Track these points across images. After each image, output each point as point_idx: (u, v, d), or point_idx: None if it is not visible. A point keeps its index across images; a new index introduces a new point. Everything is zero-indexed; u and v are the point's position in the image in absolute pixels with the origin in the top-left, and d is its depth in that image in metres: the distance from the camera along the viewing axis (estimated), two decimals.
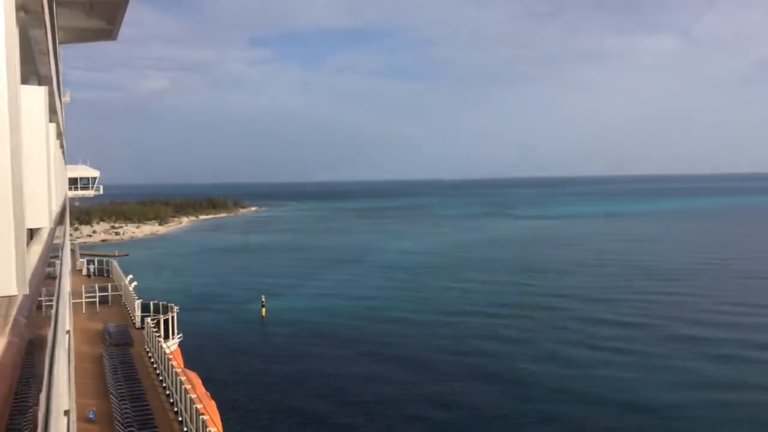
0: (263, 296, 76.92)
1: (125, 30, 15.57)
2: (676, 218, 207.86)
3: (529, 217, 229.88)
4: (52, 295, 6.86)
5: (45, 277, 5.53)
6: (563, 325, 65.95)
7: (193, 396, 24.95)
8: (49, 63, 6.82)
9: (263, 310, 74.32)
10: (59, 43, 12.47)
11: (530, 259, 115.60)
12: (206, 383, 37.03)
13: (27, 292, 2.22)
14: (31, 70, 6.67)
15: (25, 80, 6.34)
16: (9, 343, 1.85)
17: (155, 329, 37.43)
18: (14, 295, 2.20)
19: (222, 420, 29.07)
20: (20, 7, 4.15)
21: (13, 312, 2.24)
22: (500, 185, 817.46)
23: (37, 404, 3.28)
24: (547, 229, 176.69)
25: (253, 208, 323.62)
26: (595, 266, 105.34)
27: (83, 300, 45.86)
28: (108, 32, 14.91)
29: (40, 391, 3.55)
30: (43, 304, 5.30)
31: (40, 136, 5.21)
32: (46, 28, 4.94)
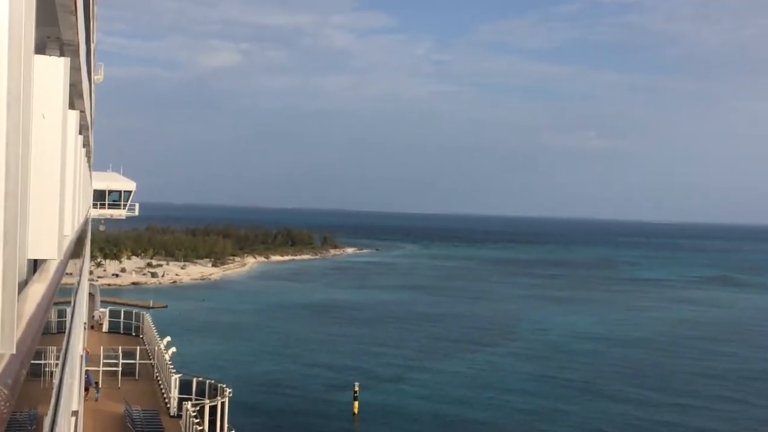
0: (356, 384, 77.30)
1: None
2: None
3: None
4: (56, 358, 6.81)
5: (47, 331, 5.41)
6: None
7: None
8: (76, 24, 7.01)
9: (355, 403, 74.71)
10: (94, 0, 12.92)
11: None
12: None
13: (13, 352, 2.10)
14: (51, 35, 6.91)
15: (41, 48, 6.39)
16: None
17: (197, 420, 38.28)
18: None
19: None
20: None
21: None
22: (732, 236, 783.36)
23: None
24: None
25: (350, 250, 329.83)
26: None
27: (100, 368, 47.95)
28: None
29: None
30: (42, 369, 5.16)
31: (55, 126, 5.15)
32: None
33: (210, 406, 43.76)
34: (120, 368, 49.55)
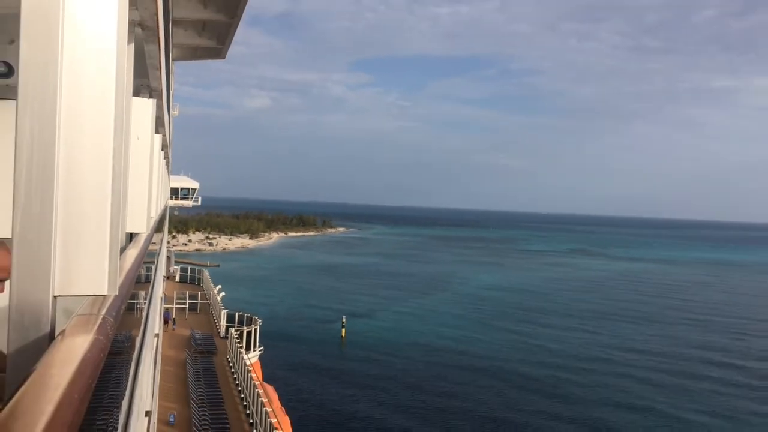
0: (344, 317, 77.75)
1: (234, 49, 16.39)
2: None
3: (622, 258, 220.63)
4: (145, 298, 7.17)
5: (139, 281, 5.76)
6: (627, 379, 62.43)
7: (269, 410, 25.40)
8: (161, 77, 7.15)
9: (343, 330, 75.09)
10: (172, 60, 13.30)
11: (615, 304, 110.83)
12: (282, 398, 37.71)
13: (116, 293, 2.28)
14: (144, 84, 6.97)
15: (137, 92, 6.72)
16: (94, 341, 1.91)
17: (238, 340, 38.55)
18: (106, 295, 2.26)
19: None
20: (137, 24, 4.42)
21: (103, 311, 2.30)
22: (595, 223, 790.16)
23: (120, 404, 3.40)
24: (638, 273, 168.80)
25: (341, 229, 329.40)
26: (690, 318, 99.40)
27: (174, 305, 47.98)
28: (218, 51, 15.73)
29: (125, 389, 3.69)
30: (136, 306, 5.52)
31: (146, 145, 5.49)
32: (159, 44, 5.23)
33: (246, 331, 44.02)
34: (187, 306, 49.64)
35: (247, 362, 32.90)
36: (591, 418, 49.39)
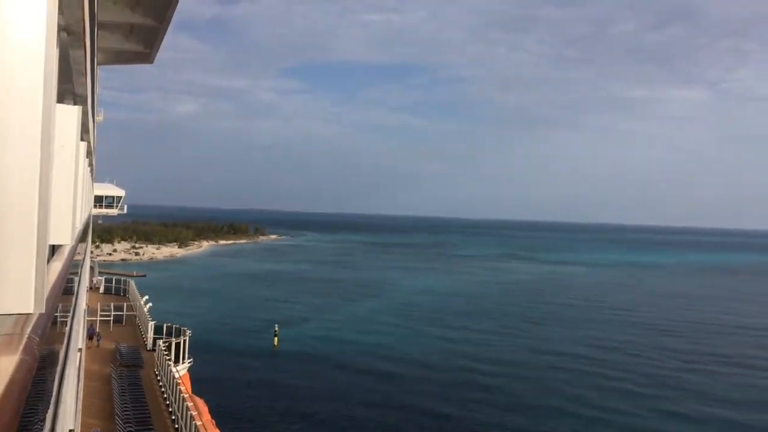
0: (276, 326, 76.79)
1: (162, 54, 15.97)
2: (689, 273, 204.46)
3: (549, 261, 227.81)
4: (68, 312, 6.87)
5: (62, 294, 5.52)
6: (551, 377, 64.60)
7: (199, 423, 24.76)
8: (86, 83, 6.93)
9: (275, 339, 74.11)
10: (97, 65, 12.82)
11: (543, 307, 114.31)
12: (213, 411, 36.80)
13: (43, 311, 2.18)
14: (68, 90, 6.78)
15: (61, 99, 6.45)
16: (21, 362, 1.83)
17: (166, 352, 37.42)
18: (31, 313, 2.17)
19: None
20: (62, 28, 4.25)
21: (28, 330, 2.22)
22: (523, 227, 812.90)
23: (44, 422, 3.23)
24: (563, 276, 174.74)
25: (273, 236, 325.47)
26: (610, 319, 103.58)
27: (98, 318, 46.11)
28: (145, 56, 15.28)
29: (47, 409, 3.51)
30: (58, 320, 5.29)
31: (70, 153, 5.28)
32: (85, 49, 5.04)
33: (175, 343, 42.79)
34: (111, 317, 47.83)
35: (176, 375, 31.97)
36: (519, 420, 50.59)
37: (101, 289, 61.33)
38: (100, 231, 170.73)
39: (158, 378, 34.48)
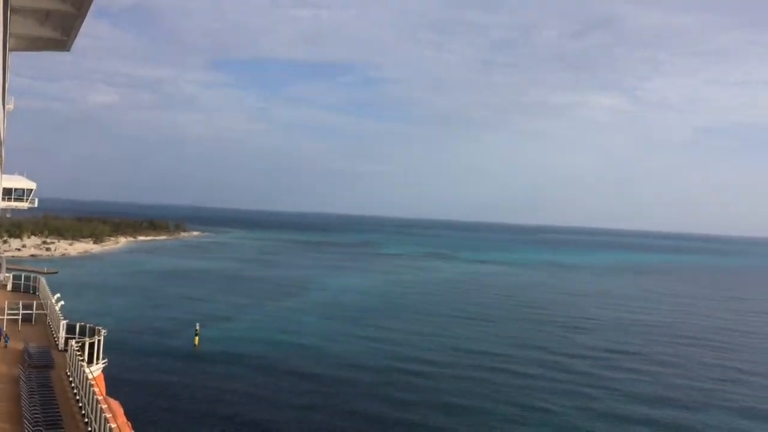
0: (197, 324, 75.02)
1: (79, 41, 15.30)
2: (602, 272, 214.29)
3: (472, 260, 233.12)
4: None
5: None
6: (468, 372, 66.44)
7: (113, 426, 23.89)
8: None
9: (196, 338, 72.35)
10: (9, 50, 12.17)
11: (464, 305, 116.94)
12: (129, 413, 35.61)
13: None
14: None
15: None
16: None
17: (79, 352, 35.84)
18: None
19: None
20: None
21: None
22: (448, 227, 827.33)
23: None
24: (486, 274, 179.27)
25: (195, 233, 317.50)
26: (529, 317, 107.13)
27: (5, 317, 43.62)
28: (62, 43, 14.63)
29: None
30: None
31: None
32: None
33: (89, 343, 41.03)
34: (20, 316, 45.31)
35: (89, 376, 30.68)
36: (440, 418, 51.50)
37: (9, 286, 57.99)
38: (8, 225, 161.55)
39: (70, 379, 33.00)
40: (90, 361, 38.83)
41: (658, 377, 67.41)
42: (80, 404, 29.12)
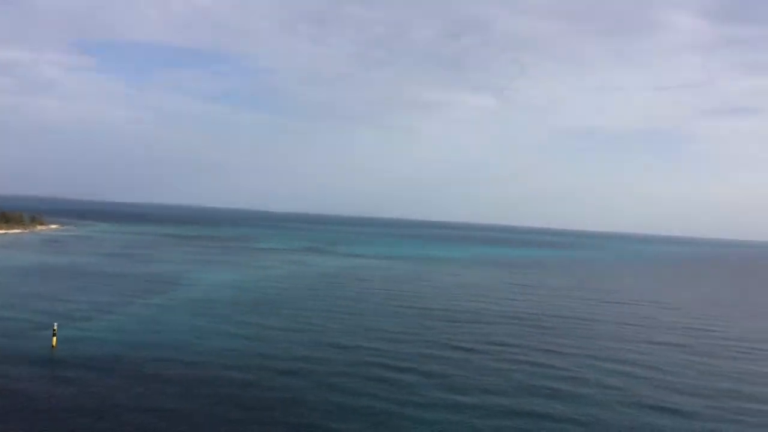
0: (55, 324, 69.99)
1: None
2: (470, 266, 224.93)
3: (347, 255, 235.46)
4: None
5: None
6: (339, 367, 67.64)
7: None
8: None
9: (54, 339, 67.43)
10: None
11: (339, 300, 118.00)
12: None
13: None
14: None
15: None
16: None
17: None
18: None
19: None
20: None
21: None
22: (324, 221, 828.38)
23: None
24: (361, 268, 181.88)
25: (54, 226, 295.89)
26: (404, 310, 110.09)
27: None
28: None
29: None
30: None
31: None
32: None
33: None
34: None
35: None
36: (309, 418, 51.65)
37: None
38: None
39: None
40: None
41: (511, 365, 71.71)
42: None
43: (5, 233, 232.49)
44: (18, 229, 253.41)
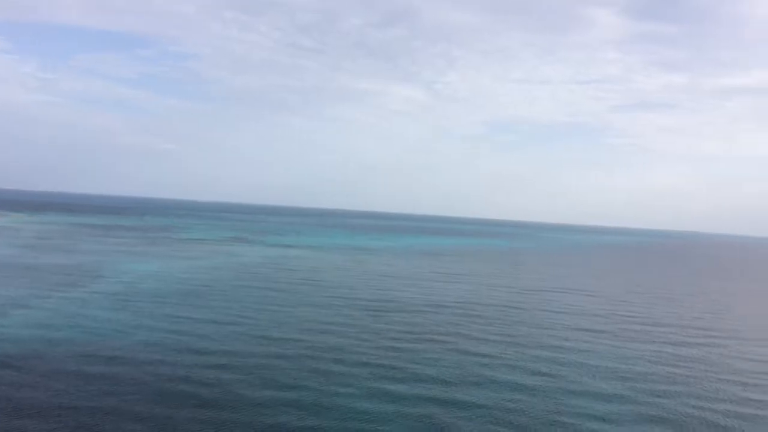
0: None
1: None
2: (405, 255, 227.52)
3: (275, 245, 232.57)
4: None
5: None
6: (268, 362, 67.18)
7: None
8: None
9: None
10: None
11: (269, 291, 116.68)
12: None
13: None
14: None
15: None
16: None
17: None
18: None
19: None
20: None
21: None
22: (252, 211, 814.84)
23: None
24: (291, 259, 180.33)
25: None
26: (333, 300, 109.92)
27: None
28: None
29: None
30: None
31: None
32: None
33: None
34: None
35: None
36: (242, 415, 50.77)
37: None
38: None
39: None
40: None
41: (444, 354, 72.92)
42: None
43: None
44: None
